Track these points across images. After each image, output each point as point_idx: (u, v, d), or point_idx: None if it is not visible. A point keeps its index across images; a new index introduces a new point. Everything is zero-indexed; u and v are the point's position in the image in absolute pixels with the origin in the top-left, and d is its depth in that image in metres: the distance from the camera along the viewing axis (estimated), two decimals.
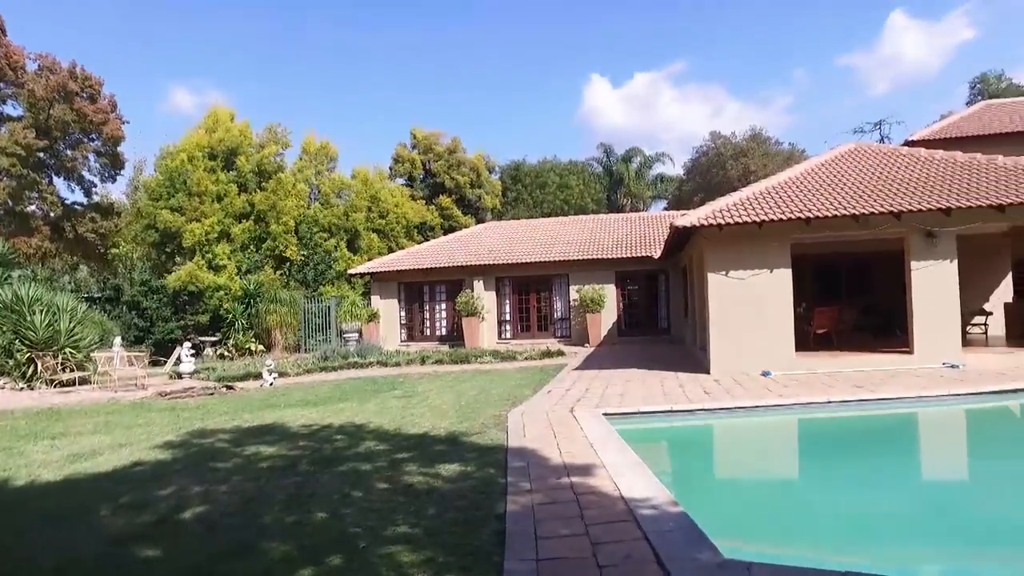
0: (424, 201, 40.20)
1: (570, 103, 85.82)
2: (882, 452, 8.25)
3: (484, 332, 22.76)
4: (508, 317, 23.65)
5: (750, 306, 12.60)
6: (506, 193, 45.41)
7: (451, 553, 4.06)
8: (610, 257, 22.16)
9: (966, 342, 13.97)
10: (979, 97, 42.97)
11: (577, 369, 14.52)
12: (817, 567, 3.88)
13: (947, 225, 12.18)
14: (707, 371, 12.73)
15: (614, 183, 46.70)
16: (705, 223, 12.15)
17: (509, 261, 22.90)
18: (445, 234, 35.15)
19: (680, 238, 14.40)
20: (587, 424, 7.85)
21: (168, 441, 8.29)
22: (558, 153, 78.14)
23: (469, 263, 23.17)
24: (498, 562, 3.89)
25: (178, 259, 30.68)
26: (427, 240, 33.81)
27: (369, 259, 30.34)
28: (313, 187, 36.99)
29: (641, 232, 24.58)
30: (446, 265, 23.33)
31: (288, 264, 32.06)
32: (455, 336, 23.40)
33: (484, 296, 23.07)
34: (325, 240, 33.14)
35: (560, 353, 18.19)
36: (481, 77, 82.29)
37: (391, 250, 33.27)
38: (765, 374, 12.04)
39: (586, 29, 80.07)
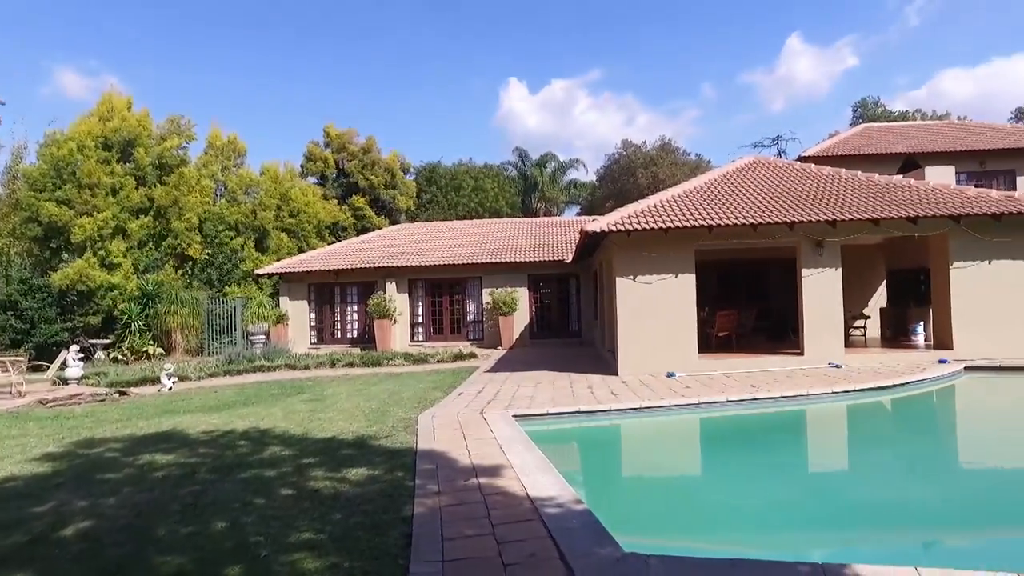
0: (337, 201, 39.26)
1: (488, 106, 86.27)
2: (774, 446, 8.79)
3: (396, 335, 22.51)
4: (421, 320, 23.49)
5: (656, 310, 13.09)
6: (421, 195, 45.07)
7: (356, 558, 4.02)
8: (523, 260, 22.45)
9: (848, 343, 15.10)
10: (860, 120, 46.55)
11: (489, 371, 14.62)
12: (710, 556, 4.09)
13: (832, 236, 13.13)
14: (615, 373, 13.12)
15: (529, 187, 47.30)
16: (614, 229, 12.54)
17: (422, 263, 22.75)
18: (358, 235, 34.47)
19: (590, 243, 14.79)
20: (497, 426, 7.93)
21: (48, 453, 7.71)
22: (474, 156, 78.50)
23: (382, 264, 22.85)
24: (404, 565, 3.88)
25: (65, 256, 28.46)
26: (339, 241, 33.07)
27: (278, 259, 29.33)
28: (219, 183, 35.33)
29: (554, 236, 25.04)
30: (358, 266, 22.90)
31: (191, 263, 30.49)
32: (367, 339, 23.01)
33: (397, 298, 22.82)
34: (231, 239, 31.75)
35: (472, 356, 18.24)
36: (398, 76, 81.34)
37: (301, 250, 32.29)
38: (670, 375, 12.53)
39: (506, 33, 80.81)
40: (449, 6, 78.33)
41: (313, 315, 24.02)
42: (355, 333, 23.90)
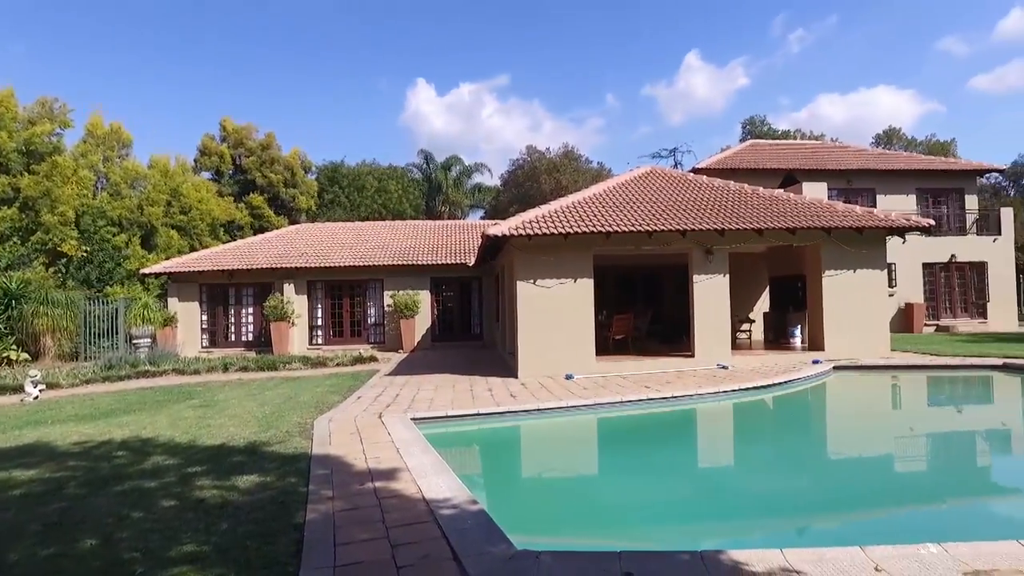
0: (233, 198, 37.54)
1: (394, 106, 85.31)
2: (665, 444, 9.22)
3: (294, 338, 21.79)
4: (320, 322, 22.86)
5: (556, 313, 13.39)
6: (322, 195, 43.85)
7: (243, 568, 3.89)
8: (426, 263, 22.33)
9: (735, 346, 16.04)
10: (748, 136, 49.70)
11: (389, 375, 14.45)
12: (600, 550, 4.25)
13: (721, 244, 13.92)
14: (515, 375, 13.31)
15: (433, 190, 47.07)
16: (515, 233, 12.74)
17: (322, 264, 22.15)
18: (256, 234, 33.09)
19: (492, 246, 14.93)
20: (395, 429, 7.87)
21: None
22: (378, 157, 77.15)
23: (279, 265, 22.06)
24: (293, 572, 3.80)
25: None
26: (235, 240, 31.61)
27: (167, 258, 27.68)
28: (100, 175, 32.92)
29: (458, 239, 25.08)
30: (255, 267, 22.00)
31: (66, 260, 28.17)
32: (263, 342, 22.14)
33: (295, 300, 22.11)
34: (114, 235, 29.64)
35: (373, 359, 17.95)
36: (301, 70, 78.85)
37: (194, 249, 30.64)
38: (568, 377, 12.85)
39: (416, 33, 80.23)
40: (358, 3, 76.87)
41: (205, 317, 22.84)
42: (250, 336, 22.93)
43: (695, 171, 23.26)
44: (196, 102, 74.80)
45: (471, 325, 23.47)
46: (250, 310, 22.99)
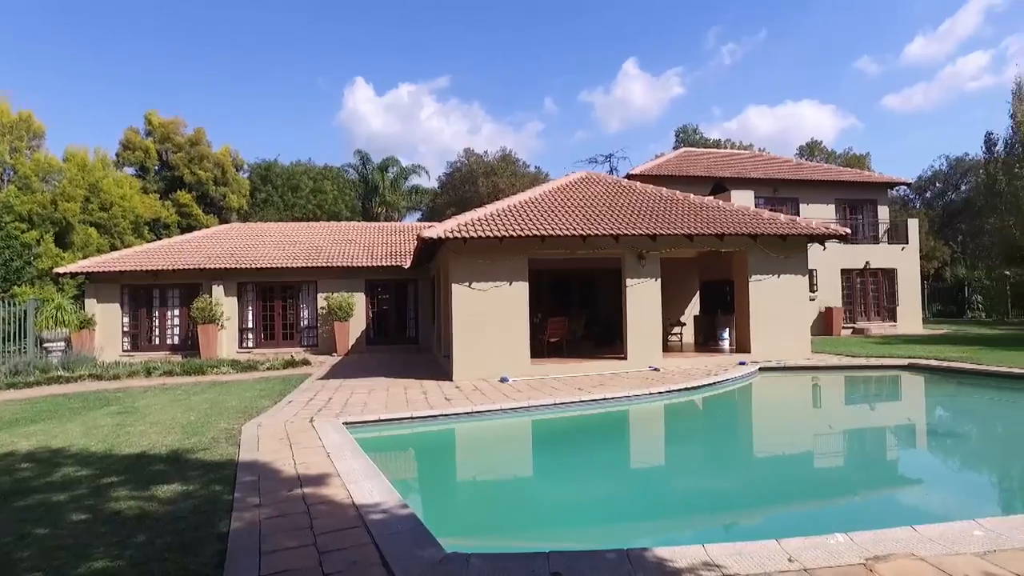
0: (159, 196, 36.01)
1: (331, 105, 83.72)
2: (597, 445, 9.36)
3: (223, 341, 21.06)
4: (251, 325, 22.17)
5: (491, 316, 13.43)
6: (255, 194, 42.61)
7: None
8: (361, 265, 21.99)
9: (666, 348, 16.47)
10: (681, 144, 51.20)
11: (322, 378, 14.16)
12: (531, 551, 4.27)
13: (653, 249, 14.28)
14: (450, 378, 13.27)
15: (370, 191, 46.36)
16: (450, 236, 12.71)
17: (253, 265, 21.48)
18: (183, 233, 31.82)
19: (427, 249, 14.85)
20: (326, 434, 7.72)
21: None
22: (314, 156, 75.79)
23: (208, 266, 21.27)
24: None
25: None
26: (161, 239, 30.31)
27: (85, 257, 26.27)
28: (7, 167, 30.97)
29: (394, 241, 24.82)
30: (181, 267, 21.13)
31: None
32: (190, 345, 21.31)
33: (224, 302, 21.37)
34: (23, 231, 27.90)
35: (306, 363, 17.55)
36: (234, 65, 76.36)
37: (115, 248, 29.24)
38: (503, 380, 12.90)
39: (356, 32, 78.96)
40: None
41: (127, 320, 21.78)
42: (176, 339, 22.02)
43: (629, 177, 23.78)
44: (119, 94, 71.47)
45: (407, 328, 23.25)
46: (176, 312, 22.07)
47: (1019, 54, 73.06)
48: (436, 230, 13.07)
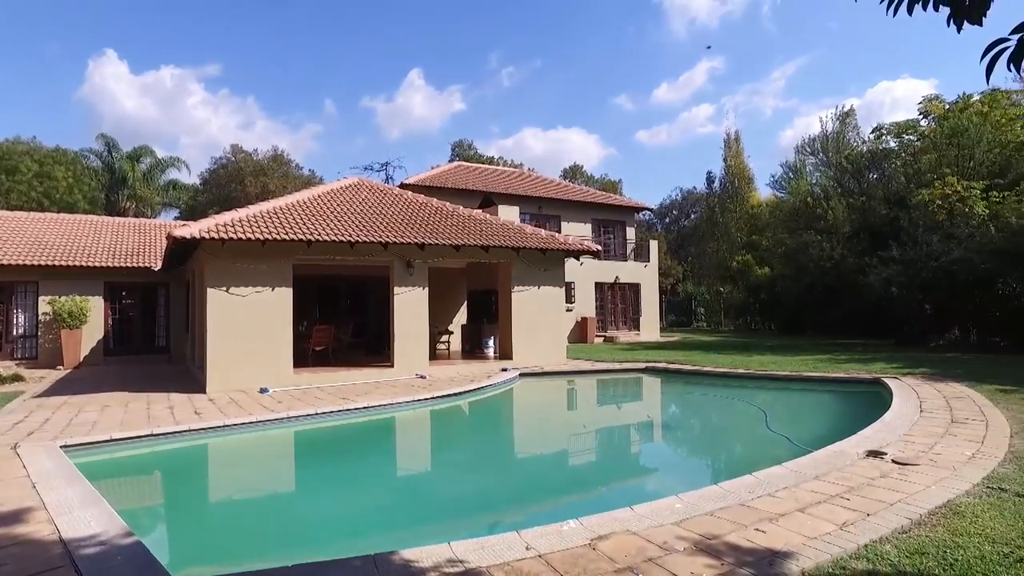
0: None
1: (69, 77, 72.07)
2: (359, 454, 9.26)
3: None
4: None
5: (251, 323, 12.64)
6: None
7: None
8: (100, 265, 19.24)
9: (435, 356, 16.86)
10: (457, 158, 52.88)
11: (40, 396, 12.13)
12: (272, 567, 4.07)
13: (422, 257, 14.55)
14: (204, 390, 12.21)
15: (116, 182, 40.84)
16: (206, 236, 11.74)
17: None
18: None
19: (180, 250, 13.55)
20: (34, 461, 6.62)
21: None
22: (41, 135, 64.92)
23: None
24: None
25: None
26: None
27: None
28: None
29: (144, 240, 22.15)
30: None
31: None
32: None
33: None
34: None
35: (18, 378, 14.90)
36: None
37: None
38: (263, 391, 12.19)
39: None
40: None
41: None
42: None
43: (403, 186, 23.93)
44: None
45: (155, 337, 20.87)
46: None
47: (732, 110, 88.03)
48: (191, 229, 11.97)
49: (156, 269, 19.14)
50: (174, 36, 73.64)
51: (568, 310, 24.48)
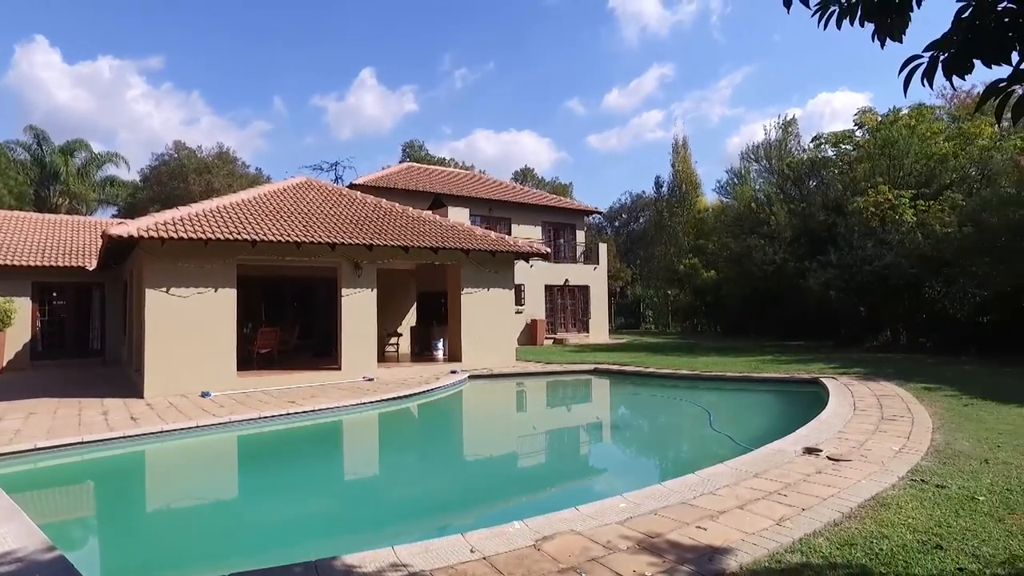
0: None
1: None
2: (304, 458, 9.09)
3: None
4: None
5: (192, 325, 12.26)
6: None
7: None
8: (27, 264, 18.33)
9: (383, 358, 16.67)
10: (408, 159, 52.52)
11: None
12: None
13: (370, 259, 14.38)
14: (141, 395, 11.78)
15: (47, 177, 38.94)
16: (144, 235, 11.33)
17: None
18: None
19: (117, 249, 13.05)
20: None
21: None
22: None
23: None
24: None
25: None
26: None
27: None
28: None
29: (77, 239, 21.21)
30: None
31: None
32: None
33: None
34: None
35: None
36: None
37: None
38: (205, 395, 11.84)
39: None
40: None
41: None
42: None
43: (353, 187, 23.60)
44: None
45: (90, 339, 20.02)
46: None
47: (681, 117, 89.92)
48: (128, 228, 11.54)
49: (91, 269, 18.37)
50: (113, 26, 70.73)
51: (518, 312, 24.57)
